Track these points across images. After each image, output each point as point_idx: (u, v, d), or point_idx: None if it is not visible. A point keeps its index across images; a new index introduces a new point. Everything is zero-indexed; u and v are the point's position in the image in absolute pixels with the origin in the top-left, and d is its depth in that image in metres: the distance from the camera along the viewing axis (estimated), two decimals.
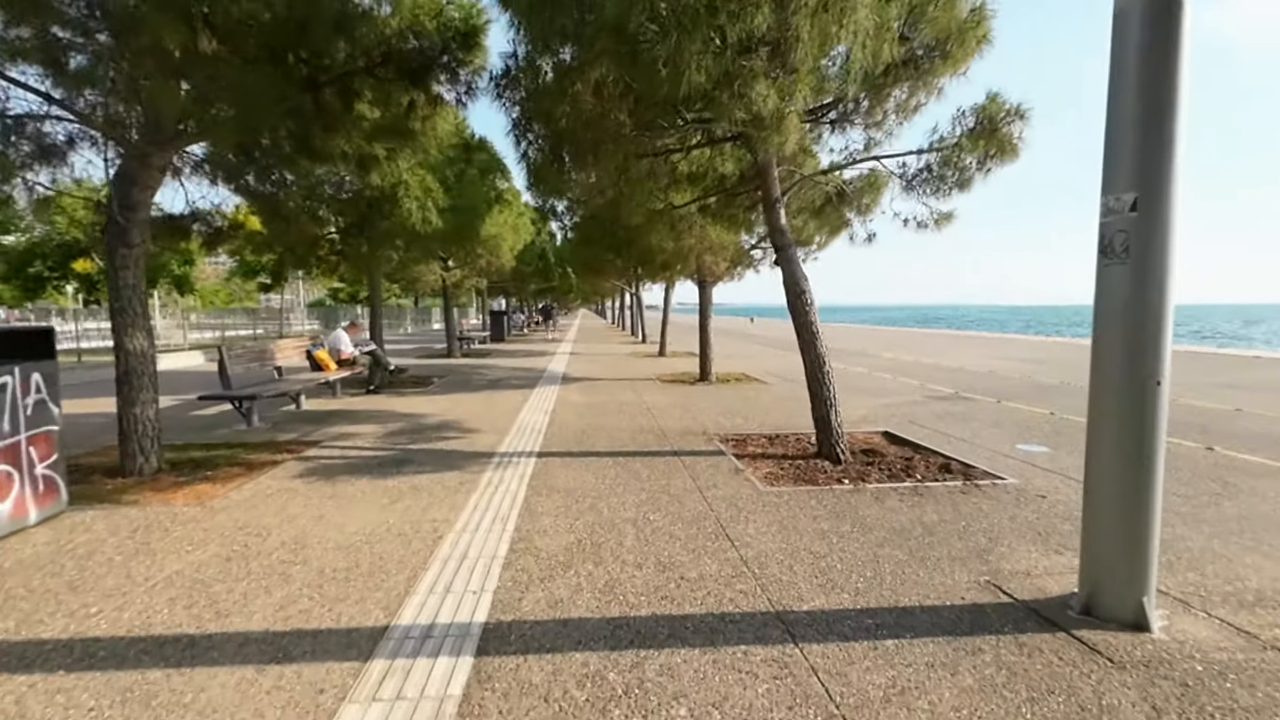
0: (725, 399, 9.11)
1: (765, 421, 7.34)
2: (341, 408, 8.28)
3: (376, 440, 6.26)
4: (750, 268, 11.72)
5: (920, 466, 5.28)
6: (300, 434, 6.57)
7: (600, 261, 14.01)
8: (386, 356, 9.74)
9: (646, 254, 10.75)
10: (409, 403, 8.74)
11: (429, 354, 17.77)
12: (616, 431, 6.72)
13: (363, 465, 5.26)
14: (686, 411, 8.03)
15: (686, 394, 9.66)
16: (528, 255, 25.87)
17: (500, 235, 15.56)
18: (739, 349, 19.38)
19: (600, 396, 9.37)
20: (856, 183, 6.59)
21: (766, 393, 9.77)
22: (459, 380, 11.46)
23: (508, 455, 5.63)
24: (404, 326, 35.73)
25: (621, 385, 10.75)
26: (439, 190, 9.22)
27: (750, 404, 8.65)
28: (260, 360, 7.53)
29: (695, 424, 7.18)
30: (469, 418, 7.55)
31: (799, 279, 5.60)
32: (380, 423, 7.20)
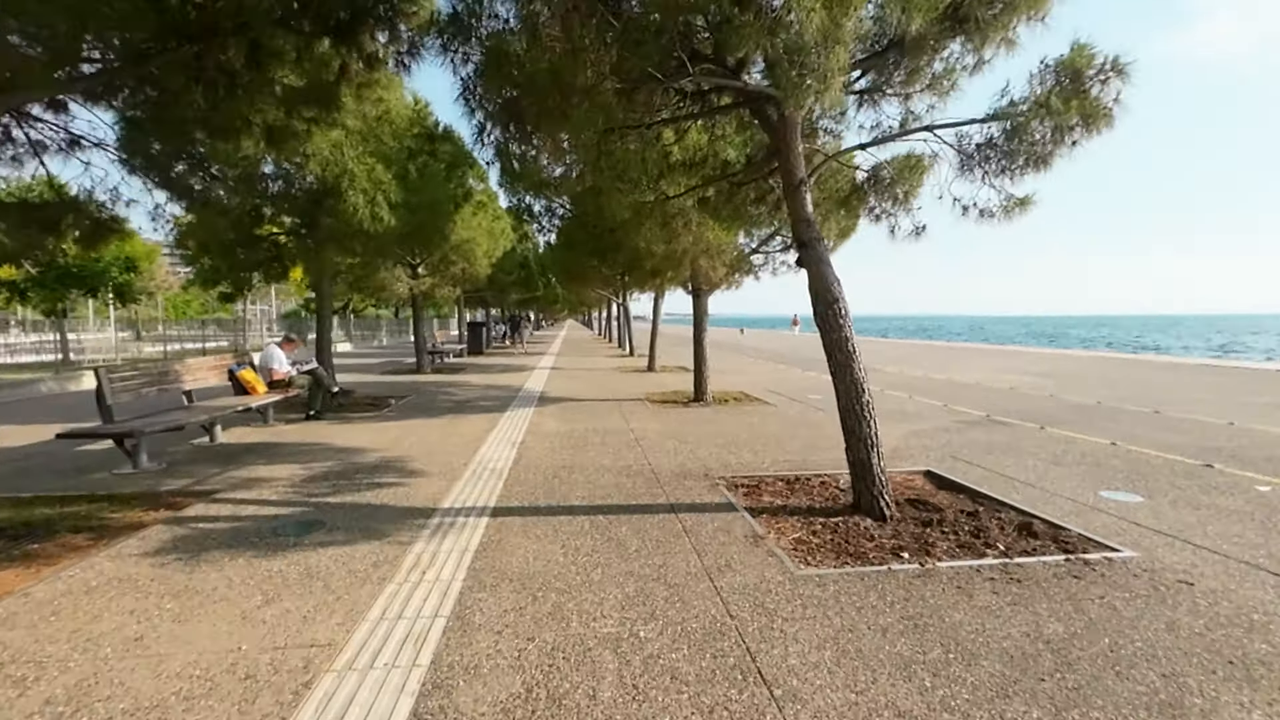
0: (726, 425, 7.83)
1: (778, 456, 6.06)
2: (267, 439, 6.89)
3: (289, 489, 4.90)
4: (750, 274, 10.50)
5: (993, 527, 4.03)
6: (196, 479, 5.18)
7: (583, 267, 12.74)
8: (331, 376, 8.35)
9: (634, 258, 9.50)
10: (352, 432, 7.36)
11: (398, 369, 16.35)
12: (597, 473, 5.41)
13: (252, 532, 3.90)
14: (682, 442, 6.74)
15: (681, 418, 8.37)
16: (508, 263, 24.57)
17: (474, 240, 14.27)
18: (733, 363, 18.15)
19: (581, 422, 8.06)
20: (892, 166, 5.37)
21: (772, 416, 8.50)
22: (421, 402, 10.08)
23: (453, 513, 4.30)
24: (379, 339, 34.17)
25: (606, 408, 9.44)
26: (391, 183, 7.91)
27: (756, 431, 7.38)
28: (159, 384, 6.13)
29: (694, 460, 5.89)
30: (418, 454, 6.20)
31: (830, 283, 4.35)
32: (305, 461, 5.83)
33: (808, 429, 7.58)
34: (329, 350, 9.46)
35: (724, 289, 10.72)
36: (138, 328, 28.09)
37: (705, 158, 6.25)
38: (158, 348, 24.60)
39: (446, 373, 15.61)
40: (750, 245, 10.20)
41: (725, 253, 8.98)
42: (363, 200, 7.63)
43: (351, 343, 29.18)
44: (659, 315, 16.65)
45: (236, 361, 7.49)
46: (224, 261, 9.62)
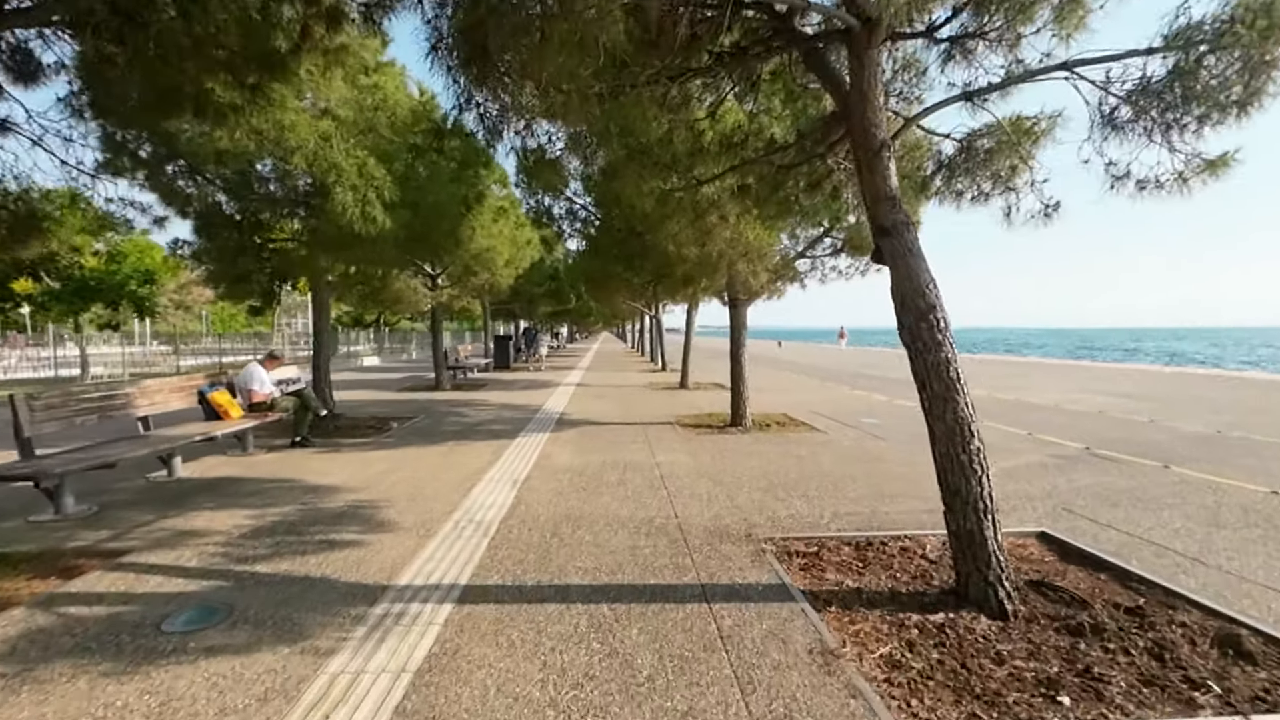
0: (769, 459, 6.59)
1: (838, 505, 4.81)
2: (234, 473, 5.95)
3: (218, 550, 3.88)
4: (794, 281, 9.26)
5: (1178, 639, 2.73)
6: (119, 531, 4.23)
7: (609, 276, 11.68)
8: (325, 397, 7.42)
9: (664, 264, 8.38)
10: (334, 465, 6.38)
11: (417, 385, 15.55)
12: (609, 529, 4.26)
13: (131, 624, 2.88)
14: (717, 484, 5.54)
15: (716, 449, 7.16)
16: (536, 275, 23.74)
17: (494, 249, 13.35)
18: (772, 379, 16.82)
19: (599, 453, 6.93)
20: (993, 133, 4.11)
21: (824, 448, 7.22)
22: (426, 425, 9.11)
23: (407, 594, 3.20)
24: (409, 352, 33.80)
25: (630, 434, 8.29)
26: (385, 180, 6.98)
27: (806, 468, 6.12)
28: (102, 411, 5.24)
29: (732, 510, 4.68)
30: (398, 496, 5.15)
31: (923, 285, 3.13)
32: (261, 506, 4.83)
33: (869, 465, 6.28)
34: (326, 368, 8.58)
35: (764, 299, 9.50)
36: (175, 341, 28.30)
37: (745, 137, 5.11)
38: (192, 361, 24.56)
39: (467, 389, 14.72)
40: (794, 248, 8.97)
41: (767, 256, 7.77)
42: (352, 199, 6.71)
43: (380, 357, 28.78)
44: (692, 328, 15.47)
45: (209, 382, 6.61)
46: (221, 270, 8.89)
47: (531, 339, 24.93)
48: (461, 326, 49.93)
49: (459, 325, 51.27)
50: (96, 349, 22.94)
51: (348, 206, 6.74)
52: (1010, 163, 4.11)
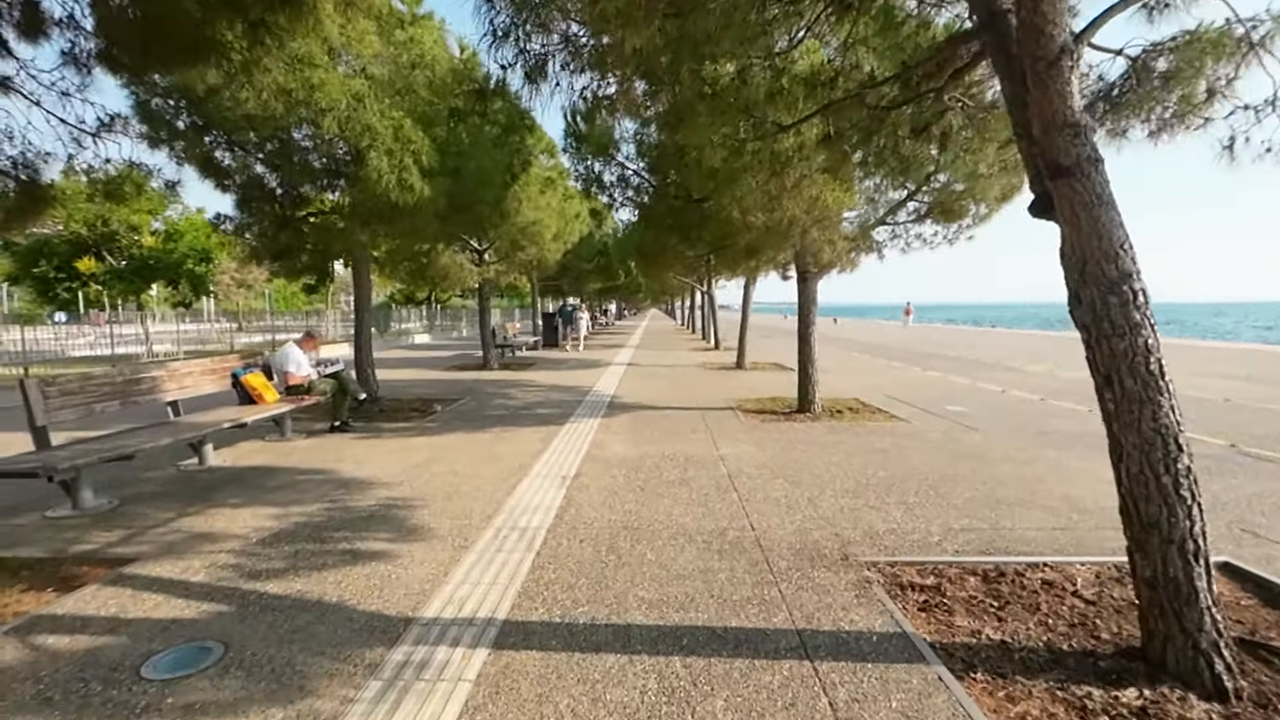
0: (851, 454, 5.79)
1: (946, 515, 4.00)
2: (268, 461, 5.58)
3: (231, 560, 3.42)
4: (871, 252, 8.28)
5: None
6: (134, 531, 3.83)
7: (662, 249, 10.90)
8: (369, 379, 7.00)
9: (726, 233, 7.56)
10: (373, 452, 5.94)
11: (465, 364, 15.25)
12: (674, 545, 3.59)
13: (110, 661, 2.40)
14: (795, 484, 4.79)
15: (787, 440, 6.39)
16: (585, 250, 23.15)
17: (541, 221, 12.78)
18: (833, 358, 15.79)
19: (656, 443, 6.27)
20: (1174, 51, 3.14)
21: (910, 440, 6.35)
22: (471, 408, 8.65)
23: (434, 634, 2.61)
24: (460, 329, 33.92)
25: (689, 420, 7.60)
26: (424, 144, 6.39)
27: (896, 466, 5.30)
28: (124, 396, 4.88)
29: (818, 520, 3.94)
30: (436, 493, 4.63)
31: (1115, 244, 2.28)
32: (287, 503, 4.38)
33: (970, 464, 5.40)
34: (367, 349, 8.18)
35: (841, 270, 8.55)
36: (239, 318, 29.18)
37: (834, 75, 4.25)
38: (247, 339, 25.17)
39: (515, 369, 14.31)
40: (873, 214, 7.97)
41: (842, 223, 6.86)
42: (387, 164, 6.15)
43: (431, 334, 28.94)
44: (749, 304, 14.56)
45: (244, 364, 6.25)
46: (263, 245, 8.58)
47: (569, 318, 21.57)
48: (510, 304, 50.11)
49: (508, 302, 51.45)
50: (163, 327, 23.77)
51: (383, 173, 6.19)
52: (1197, 85, 3.12)
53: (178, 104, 6.92)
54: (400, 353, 19.84)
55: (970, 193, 7.11)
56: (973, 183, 6.78)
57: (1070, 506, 4.21)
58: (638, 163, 8.69)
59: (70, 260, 17.56)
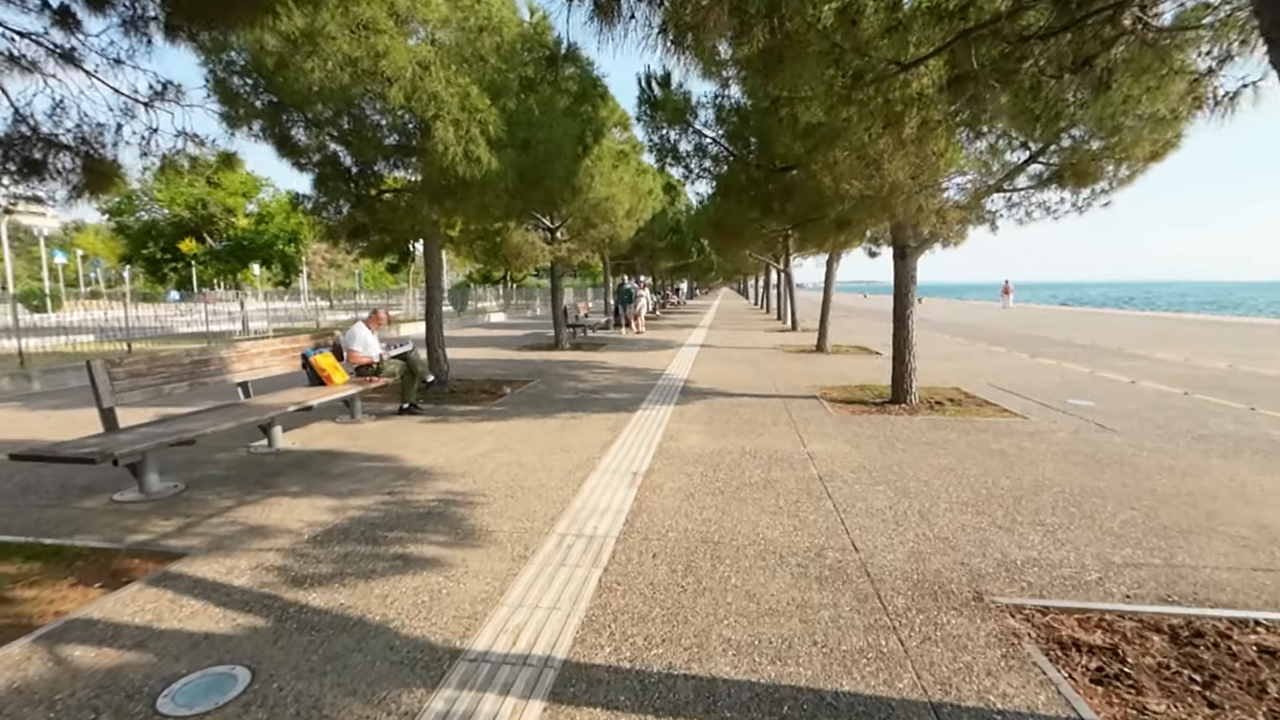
0: (961, 455, 5.03)
1: (1100, 545, 3.25)
2: (335, 445, 5.44)
3: (280, 561, 3.18)
4: (983, 222, 7.29)
5: None
6: (187, 521, 3.69)
7: (741, 224, 10.18)
8: (440, 360, 6.81)
9: (815, 205, 6.81)
10: (436, 438, 5.72)
11: (537, 344, 15.14)
12: (762, 568, 3.06)
13: (110, 701, 2.15)
14: (901, 493, 4.13)
15: (884, 436, 5.68)
16: (658, 227, 22.58)
17: (614, 197, 12.32)
18: (923, 343, 14.55)
19: (734, 437, 5.72)
20: None
21: (1033, 442, 5.49)
22: (541, 391, 8.37)
23: (476, 685, 2.21)
24: (534, 308, 34.24)
25: (769, 409, 6.99)
26: (491, 113, 6.01)
27: (1021, 475, 4.51)
28: (193, 377, 4.82)
29: (936, 543, 3.30)
30: (499, 487, 4.30)
31: None
32: (346, 495, 4.16)
33: (1115, 473, 4.53)
34: (438, 329, 8.02)
35: (942, 245, 7.61)
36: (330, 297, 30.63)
37: (966, 3, 3.48)
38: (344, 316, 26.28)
39: (586, 349, 14.04)
40: (985, 180, 6.96)
41: (949, 190, 5.97)
42: (454, 135, 5.82)
43: (506, 313, 29.32)
44: (832, 283, 13.58)
45: (314, 344, 6.16)
46: (339, 224, 8.57)
47: (627, 297, 19.33)
48: (582, 283, 50.27)
49: (580, 281, 51.68)
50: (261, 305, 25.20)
51: (449, 145, 5.87)
52: None
53: (255, 82, 6.88)
54: (475, 331, 20.09)
55: (1112, 151, 6.03)
56: (1119, 137, 5.72)
57: (1269, 538, 3.35)
58: (716, 130, 8.02)
59: (174, 242, 18.87)
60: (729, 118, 7.75)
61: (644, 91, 7.92)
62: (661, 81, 7.81)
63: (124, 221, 20.13)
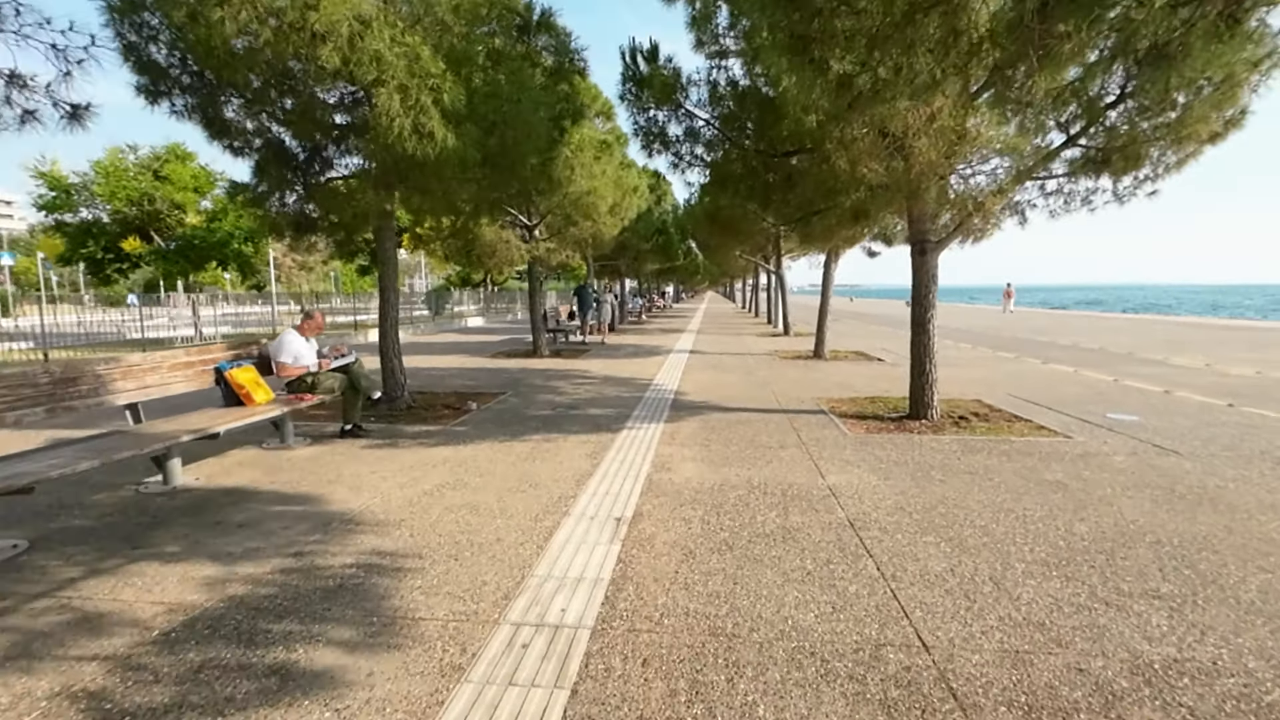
0: (1015, 488, 4.14)
1: (1262, 638, 2.36)
2: (244, 481, 4.42)
3: (87, 686, 2.19)
4: (1014, 214, 6.45)
5: None
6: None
7: (736, 218, 9.31)
8: (397, 371, 5.80)
9: (825, 191, 5.93)
10: (378, 469, 4.73)
11: (514, 350, 14.12)
12: (798, 681, 2.13)
13: None
14: (957, 547, 3.22)
15: (912, 461, 4.79)
16: (644, 227, 21.67)
17: (597, 191, 11.41)
18: None
19: (736, 465, 4.80)
20: None
21: (1087, 465, 4.63)
22: (513, 405, 7.39)
23: None
24: (514, 312, 33.13)
25: (773, 427, 6.08)
26: (447, 79, 5.05)
27: (1098, 517, 3.63)
28: (52, 401, 3.78)
29: (1033, 631, 2.39)
30: (439, 546, 3.33)
31: None
32: (237, 556, 3.16)
33: (1215, 515, 3.66)
34: (394, 336, 7.01)
35: (961, 242, 6.76)
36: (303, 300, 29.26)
37: None
38: None
39: (567, 356, 13.06)
40: (1014, 165, 6.12)
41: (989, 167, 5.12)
42: (399, 104, 4.85)
43: (485, 317, 28.21)
44: (830, 285, 12.74)
45: (232, 356, 5.14)
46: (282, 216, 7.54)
47: (588, 301, 16.77)
48: (565, 285, 49.22)
49: (563, 284, 50.61)
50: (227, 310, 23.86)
51: (394, 116, 4.89)
52: None
53: (171, 44, 5.86)
54: (450, 336, 19.01)
55: (1173, 130, 5.22)
56: (1183, 112, 4.91)
57: None
58: (709, 111, 7.13)
59: (118, 240, 17.47)
60: (725, 96, 6.85)
61: (628, 67, 7.00)
62: (648, 55, 6.90)
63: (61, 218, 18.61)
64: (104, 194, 16.59)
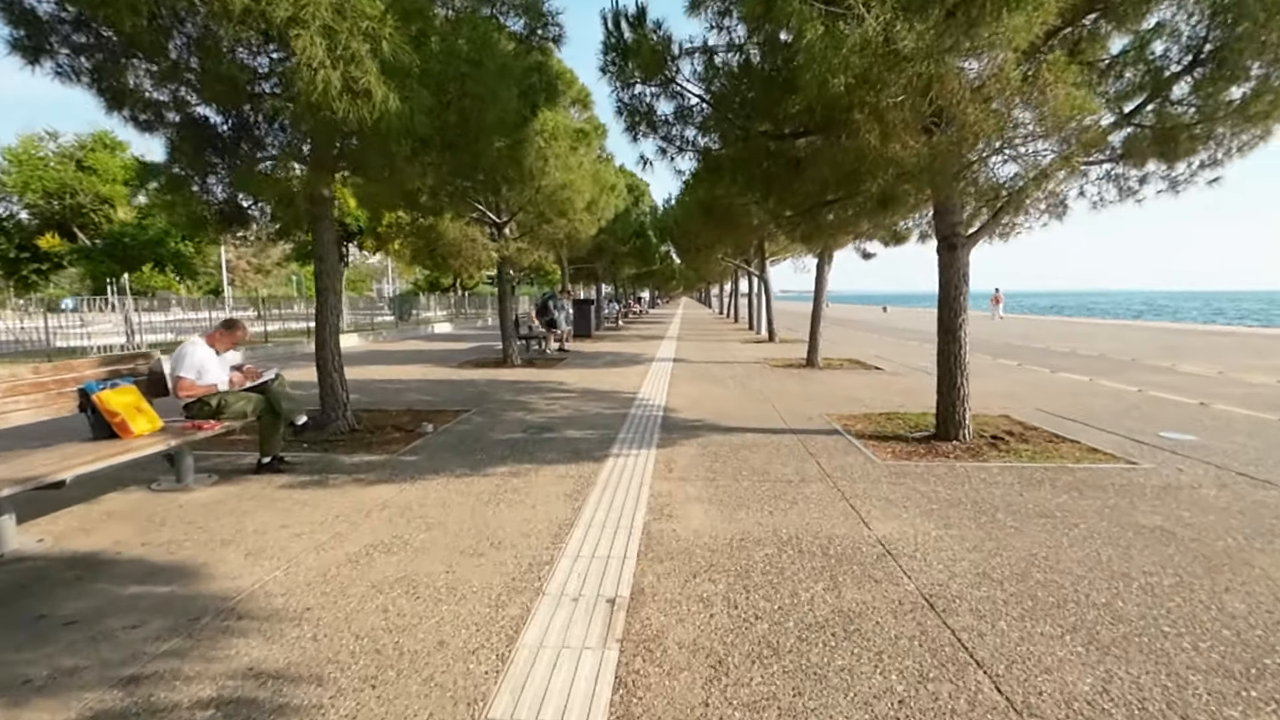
0: (1102, 532, 3.23)
1: None
2: (107, 545, 3.30)
3: None
4: (1055, 206, 5.63)
5: None
6: None
7: (733, 211, 8.39)
8: (292, 396, 4.67)
9: (844, 175, 5.02)
10: (295, 520, 3.65)
11: (483, 359, 12.98)
12: None
13: None
14: (1093, 643, 2.29)
15: (965, 495, 3.87)
16: (621, 229, 20.72)
17: (573, 185, 10.42)
18: (921, 355, 13.07)
19: (755, 508, 3.82)
20: None
21: (1177, 502, 3.77)
22: (476, 427, 6.33)
23: None
24: (484, 319, 31.81)
25: (784, 450, 5.13)
26: (388, 24, 4.01)
27: (1222, 570, 2.73)
28: None
29: None
30: (358, 653, 2.29)
31: None
32: (23, 698, 2.07)
33: None
34: (333, 346, 5.89)
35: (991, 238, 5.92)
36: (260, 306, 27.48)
37: None
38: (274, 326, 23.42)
39: (540, 366, 11.97)
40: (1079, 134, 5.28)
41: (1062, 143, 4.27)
42: (324, 52, 3.79)
43: (454, 323, 26.89)
44: (823, 288, 11.89)
45: (108, 372, 4.00)
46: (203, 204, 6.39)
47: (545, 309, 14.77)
48: (540, 289, 47.97)
49: (538, 288, 49.30)
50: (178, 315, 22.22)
51: (318, 66, 3.83)
52: None
53: None
54: (414, 344, 17.76)
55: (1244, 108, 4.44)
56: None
57: None
58: (703, 86, 6.22)
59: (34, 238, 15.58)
60: (724, 68, 5.94)
61: (610, 34, 6.05)
62: (634, 19, 5.93)
63: None
64: (15, 185, 14.81)
